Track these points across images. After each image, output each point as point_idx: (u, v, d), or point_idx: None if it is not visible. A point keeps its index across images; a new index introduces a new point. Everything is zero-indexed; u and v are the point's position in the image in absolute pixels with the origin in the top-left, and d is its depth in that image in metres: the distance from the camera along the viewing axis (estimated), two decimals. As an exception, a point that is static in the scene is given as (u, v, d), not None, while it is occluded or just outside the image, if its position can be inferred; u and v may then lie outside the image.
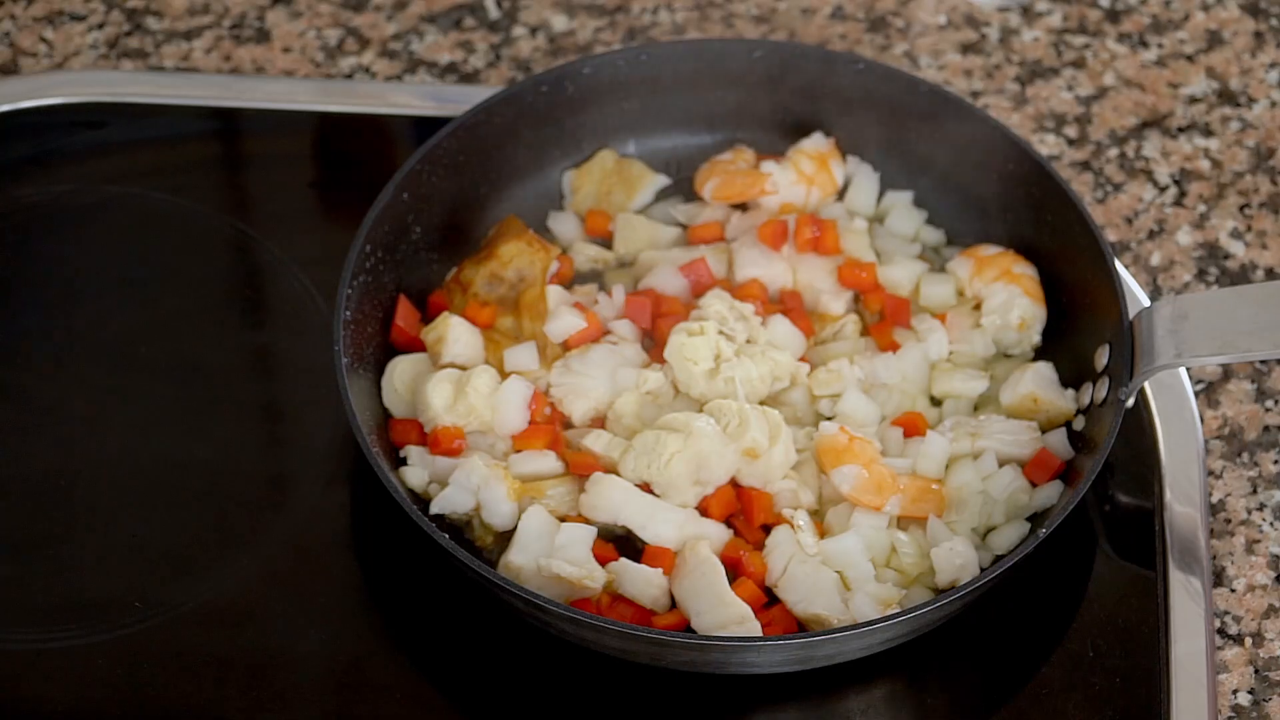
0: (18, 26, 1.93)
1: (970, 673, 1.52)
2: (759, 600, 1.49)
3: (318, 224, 1.80)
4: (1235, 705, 1.50)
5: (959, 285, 1.66)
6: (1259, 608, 1.54)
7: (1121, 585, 1.55)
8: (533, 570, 1.48)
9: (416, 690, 1.49)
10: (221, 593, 1.53)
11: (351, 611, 1.54)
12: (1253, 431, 1.64)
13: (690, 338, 1.58)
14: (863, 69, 1.71)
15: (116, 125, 1.84)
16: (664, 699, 1.48)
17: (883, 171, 1.75)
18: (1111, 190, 1.81)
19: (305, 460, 1.61)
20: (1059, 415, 1.58)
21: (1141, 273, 1.75)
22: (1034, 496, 1.55)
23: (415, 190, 1.65)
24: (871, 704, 1.50)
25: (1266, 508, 1.60)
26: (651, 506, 1.51)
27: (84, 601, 1.53)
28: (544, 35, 1.92)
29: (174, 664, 1.50)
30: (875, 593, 1.49)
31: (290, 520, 1.58)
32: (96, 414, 1.63)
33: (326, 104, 1.86)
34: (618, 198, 1.74)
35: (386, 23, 1.93)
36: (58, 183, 1.80)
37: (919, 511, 1.53)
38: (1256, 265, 1.75)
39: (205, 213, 1.78)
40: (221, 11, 1.94)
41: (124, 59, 1.90)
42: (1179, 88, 1.88)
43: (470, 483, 1.52)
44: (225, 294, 1.74)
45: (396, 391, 1.59)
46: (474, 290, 1.66)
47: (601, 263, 1.71)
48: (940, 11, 1.94)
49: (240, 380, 1.68)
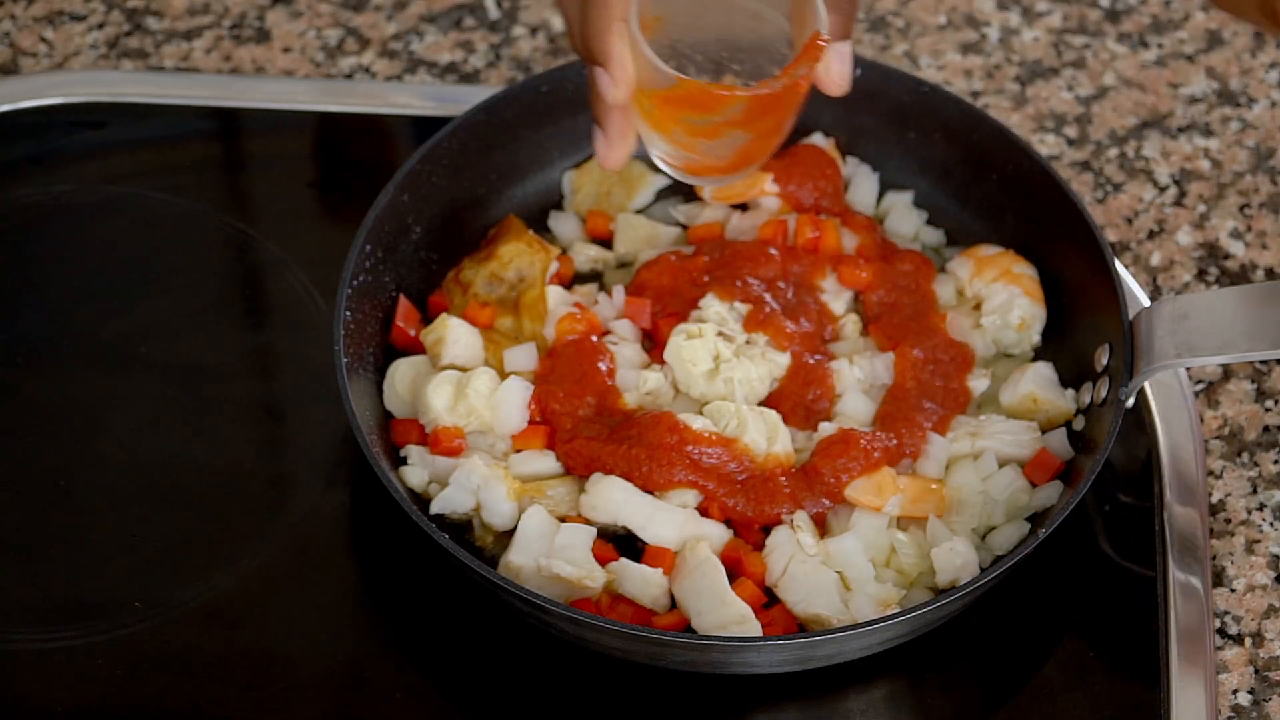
0: (18, 26, 1.93)
1: (970, 673, 1.52)
2: (759, 600, 1.49)
3: (318, 224, 1.80)
4: (1235, 705, 1.50)
5: (959, 285, 1.67)
6: (1259, 608, 1.54)
7: (1121, 585, 1.55)
8: (533, 570, 1.48)
9: (416, 690, 1.49)
10: (221, 593, 1.53)
11: (351, 611, 1.54)
12: (1253, 431, 1.64)
13: (689, 340, 1.58)
14: (863, 69, 1.71)
15: (116, 125, 1.84)
16: (664, 699, 1.48)
17: (883, 171, 1.75)
18: (1111, 190, 1.81)
19: (305, 460, 1.61)
20: (1059, 415, 1.58)
21: (1141, 273, 1.75)
22: (1034, 496, 1.55)
23: (415, 190, 1.65)
24: (871, 704, 1.50)
25: (1266, 508, 1.60)
26: (651, 506, 1.51)
27: (84, 601, 1.53)
28: (544, 35, 1.92)
29: (174, 664, 1.50)
30: (875, 593, 1.49)
31: (290, 520, 1.58)
32: (96, 414, 1.63)
33: (326, 104, 1.86)
34: (618, 198, 1.74)
35: (386, 23, 1.93)
36: (58, 183, 1.80)
37: (919, 512, 1.53)
38: (1256, 265, 1.75)
39: (205, 213, 1.78)
40: (221, 11, 1.94)
41: (124, 59, 1.90)
42: (1179, 88, 1.88)
43: (470, 483, 1.52)
44: (225, 294, 1.74)
45: (397, 393, 1.59)
46: (474, 290, 1.66)
47: (601, 263, 1.71)
48: (940, 11, 1.94)
49: (240, 380, 1.68)
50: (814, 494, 1.53)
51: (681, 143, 1.43)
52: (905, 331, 1.62)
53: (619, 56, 1.38)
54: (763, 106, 1.38)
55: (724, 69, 1.46)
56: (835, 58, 1.38)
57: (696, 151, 1.44)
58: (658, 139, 1.45)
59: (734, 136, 1.41)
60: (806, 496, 1.52)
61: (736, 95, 1.37)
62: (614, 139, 1.44)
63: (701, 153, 1.44)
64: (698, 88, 1.37)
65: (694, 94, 1.38)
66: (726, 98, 1.38)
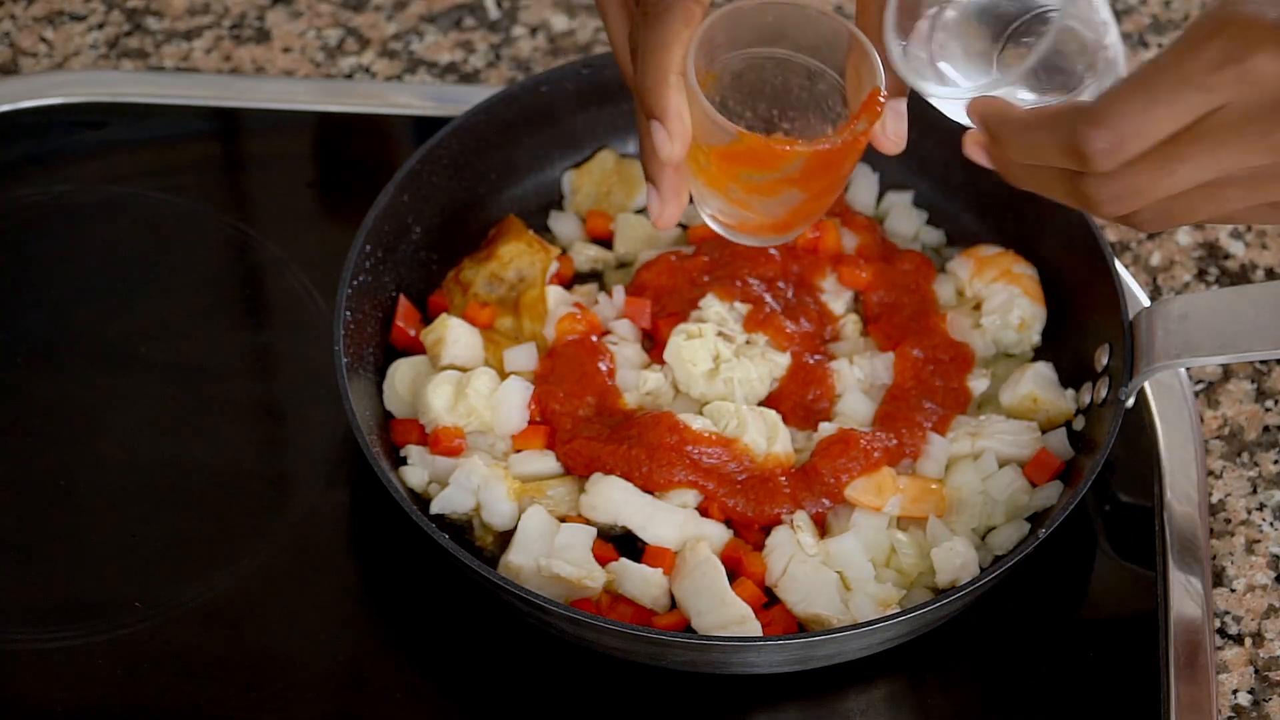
0: (18, 26, 1.93)
1: (970, 673, 1.52)
2: (759, 600, 1.49)
3: (318, 224, 1.80)
4: (1235, 705, 1.50)
5: (959, 285, 1.67)
6: (1259, 608, 1.54)
7: (1121, 585, 1.55)
8: (533, 570, 1.48)
9: (416, 690, 1.49)
10: (221, 593, 1.53)
11: (351, 611, 1.54)
12: (1253, 431, 1.64)
13: (689, 340, 1.58)
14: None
15: (116, 125, 1.84)
16: (664, 699, 1.48)
17: (883, 171, 1.75)
18: (1111, 190, 1.81)
19: (305, 460, 1.61)
20: (1059, 415, 1.58)
21: (1141, 273, 1.75)
22: (1034, 496, 1.55)
23: (415, 190, 1.65)
24: (871, 704, 1.50)
25: (1266, 508, 1.60)
26: (651, 506, 1.51)
27: (84, 601, 1.53)
28: (544, 35, 1.92)
29: (174, 664, 1.50)
30: (875, 593, 1.49)
31: (290, 520, 1.58)
32: (96, 414, 1.64)
33: (326, 104, 1.86)
34: (618, 198, 1.74)
35: (386, 23, 1.93)
36: (58, 183, 1.80)
37: (919, 512, 1.53)
38: (1256, 265, 1.75)
39: (205, 213, 1.78)
40: (221, 11, 1.94)
41: (124, 59, 1.90)
42: (1179, 88, 1.88)
43: (470, 483, 1.52)
44: (225, 294, 1.74)
45: (397, 393, 1.59)
46: (474, 290, 1.66)
47: (601, 263, 1.71)
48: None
49: (240, 380, 1.68)
50: (814, 494, 1.53)
51: (737, 200, 1.40)
52: (905, 331, 1.62)
53: (677, 110, 1.34)
54: (821, 163, 1.36)
55: (774, 127, 1.43)
56: (891, 115, 1.37)
57: (751, 209, 1.41)
58: (712, 196, 1.42)
59: (789, 195, 1.39)
60: (806, 496, 1.52)
61: (798, 150, 1.35)
62: (668, 196, 1.40)
63: (756, 210, 1.41)
64: (759, 143, 1.35)
65: (754, 150, 1.35)
66: (788, 153, 1.35)
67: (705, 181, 1.40)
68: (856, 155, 1.38)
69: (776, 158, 1.35)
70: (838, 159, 1.37)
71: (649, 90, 1.34)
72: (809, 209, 1.42)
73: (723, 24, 1.36)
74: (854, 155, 1.38)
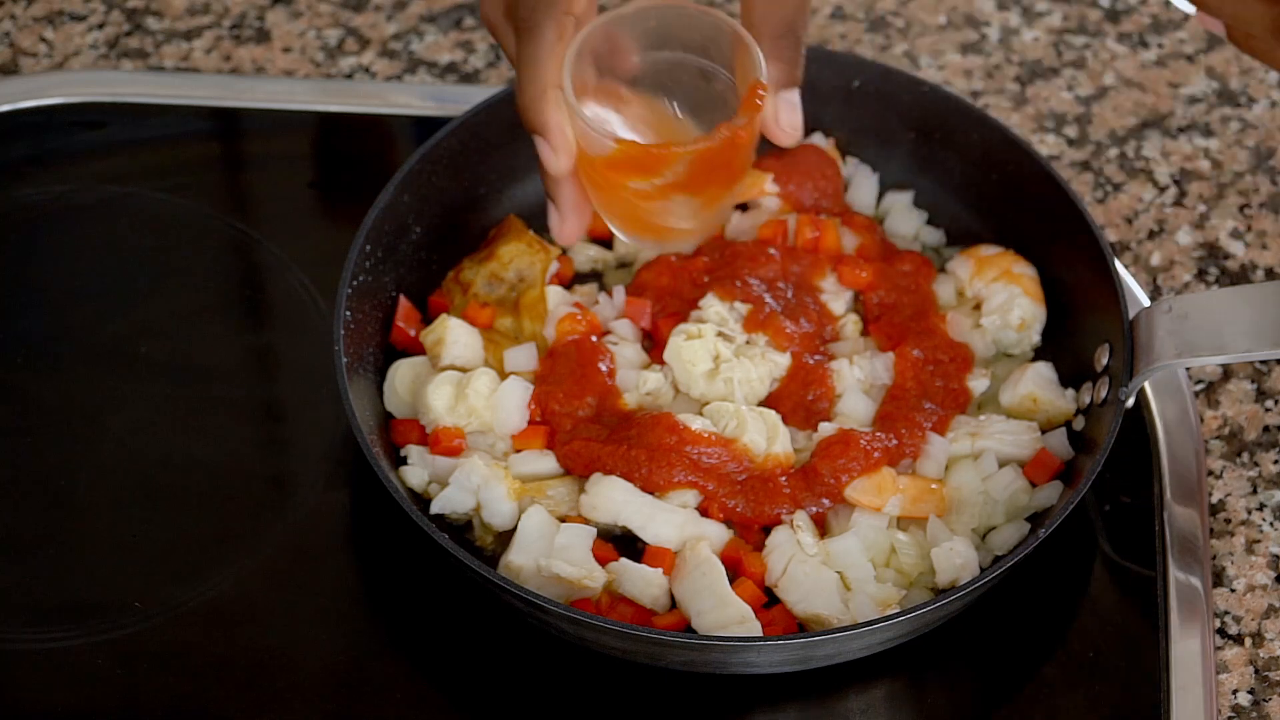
0: (18, 26, 1.93)
1: (970, 673, 1.52)
2: (759, 600, 1.49)
3: (318, 224, 1.80)
4: (1235, 705, 1.50)
5: (959, 285, 1.67)
6: (1259, 608, 1.54)
7: (1121, 585, 1.55)
8: (533, 570, 1.48)
9: (416, 690, 1.49)
10: (221, 593, 1.53)
11: (351, 611, 1.54)
12: (1253, 431, 1.64)
13: (689, 340, 1.58)
14: (863, 69, 1.71)
15: (116, 125, 1.84)
16: (664, 699, 1.48)
17: (883, 171, 1.75)
18: (1111, 190, 1.81)
19: (305, 460, 1.61)
20: (1059, 415, 1.58)
21: (1141, 273, 1.75)
22: (1034, 496, 1.55)
23: (415, 190, 1.65)
24: (871, 704, 1.50)
25: (1266, 508, 1.60)
26: (651, 506, 1.51)
27: (84, 601, 1.53)
28: (544, 35, 1.92)
29: (174, 664, 1.50)
30: (875, 593, 1.49)
31: (290, 520, 1.58)
32: (96, 414, 1.63)
33: (326, 104, 1.86)
34: (618, 198, 1.74)
35: (386, 23, 1.93)
36: (58, 183, 1.80)
37: (919, 512, 1.53)
38: (1256, 265, 1.75)
39: (205, 213, 1.78)
40: (221, 11, 1.94)
41: (124, 59, 1.90)
42: (1179, 88, 1.88)
43: (470, 483, 1.52)
44: (225, 294, 1.74)
45: (397, 394, 1.60)
46: (474, 291, 1.66)
47: (601, 263, 1.71)
48: (940, 11, 1.94)
49: (240, 380, 1.68)
50: (814, 494, 1.53)
51: (635, 208, 1.41)
52: (905, 331, 1.62)
53: (556, 124, 1.35)
54: (706, 163, 1.35)
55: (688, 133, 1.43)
56: (784, 107, 1.35)
57: (654, 216, 1.41)
58: (610, 206, 1.42)
59: (682, 199, 1.39)
60: (806, 496, 1.52)
61: (674, 152, 1.34)
62: (567, 212, 1.41)
63: (657, 217, 1.41)
64: (638, 149, 1.34)
65: (634, 156, 1.35)
66: (666, 155, 1.34)
67: (600, 192, 1.39)
68: (744, 151, 1.37)
69: (656, 161, 1.35)
70: (721, 159, 1.36)
71: (527, 106, 1.35)
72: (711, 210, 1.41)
73: (602, 33, 1.36)
74: (741, 152, 1.36)
